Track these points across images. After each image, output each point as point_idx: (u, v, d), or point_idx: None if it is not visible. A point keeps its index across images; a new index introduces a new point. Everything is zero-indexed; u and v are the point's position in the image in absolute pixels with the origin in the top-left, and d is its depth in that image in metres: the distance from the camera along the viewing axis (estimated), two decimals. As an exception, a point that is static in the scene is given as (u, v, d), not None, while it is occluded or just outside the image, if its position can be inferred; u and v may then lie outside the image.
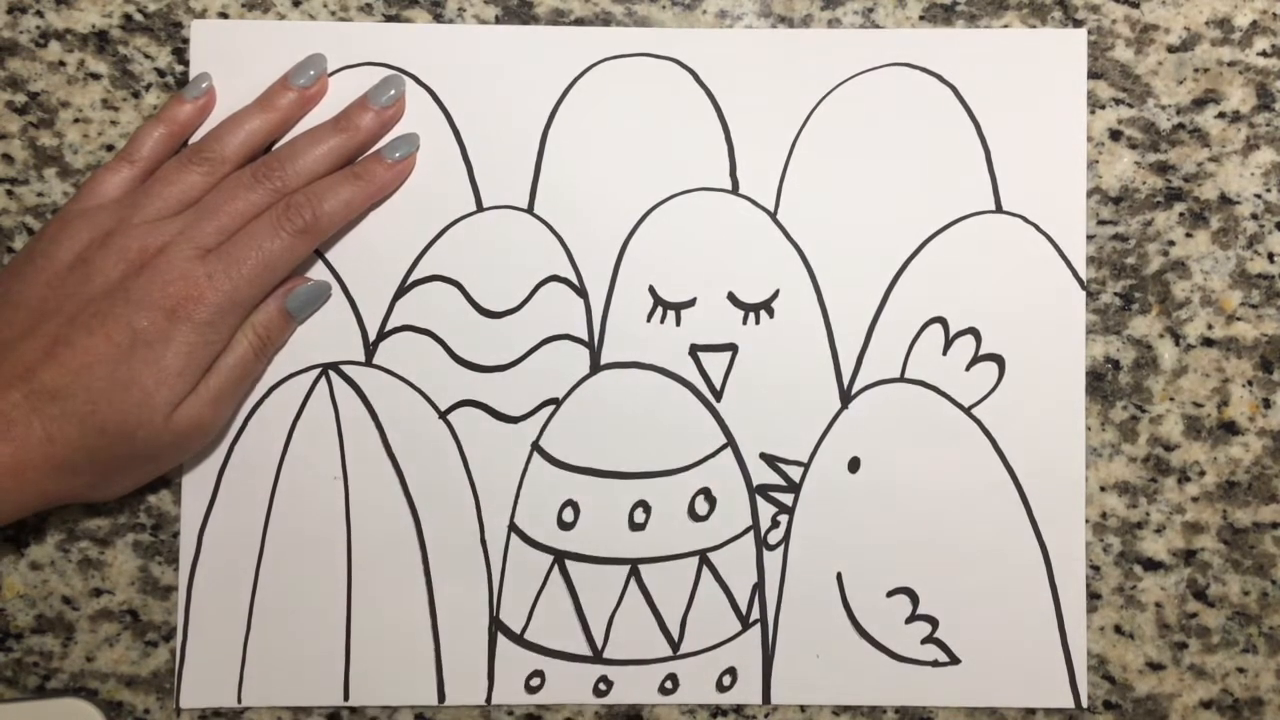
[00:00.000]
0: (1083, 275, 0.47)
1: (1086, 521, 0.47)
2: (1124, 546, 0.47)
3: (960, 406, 0.47)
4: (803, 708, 0.47)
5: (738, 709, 0.47)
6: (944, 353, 0.47)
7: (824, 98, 0.47)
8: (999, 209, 0.47)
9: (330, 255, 0.47)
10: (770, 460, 0.47)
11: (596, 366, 0.47)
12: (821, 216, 0.47)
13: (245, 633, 0.47)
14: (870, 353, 0.47)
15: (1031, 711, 0.47)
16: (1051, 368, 0.47)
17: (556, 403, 0.47)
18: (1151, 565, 0.47)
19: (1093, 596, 0.47)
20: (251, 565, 0.47)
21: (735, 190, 0.47)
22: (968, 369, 0.47)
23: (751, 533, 0.47)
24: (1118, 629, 0.47)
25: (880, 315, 0.47)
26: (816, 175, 0.47)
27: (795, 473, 0.47)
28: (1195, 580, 0.47)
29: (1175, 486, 0.47)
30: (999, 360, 0.47)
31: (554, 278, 0.47)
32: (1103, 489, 0.47)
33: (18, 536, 0.47)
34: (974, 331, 0.47)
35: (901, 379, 0.47)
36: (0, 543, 0.47)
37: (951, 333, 0.47)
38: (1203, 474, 0.47)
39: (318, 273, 0.47)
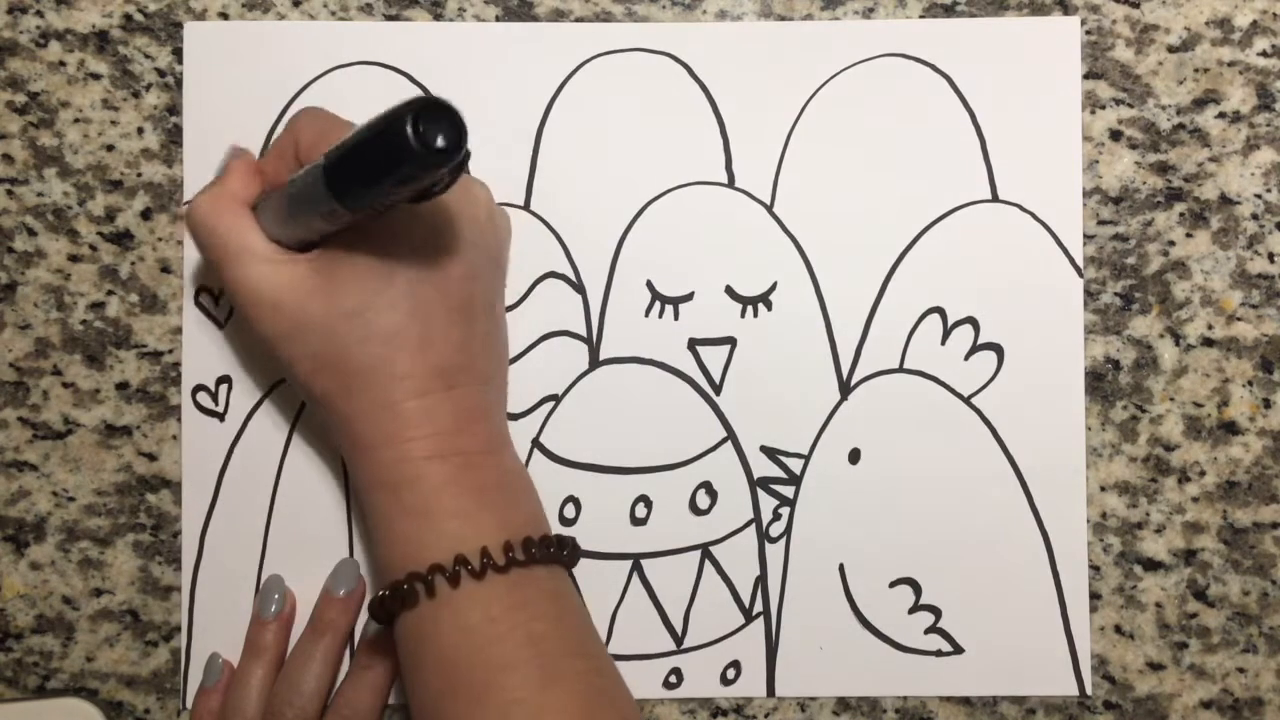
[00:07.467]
0: (1079, 262, 0.47)
1: (1087, 522, 0.47)
2: (1124, 546, 0.47)
3: (960, 396, 0.47)
4: (803, 706, 0.47)
5: (739, 707, 0.47)
6: (943, 342, 0.47)
7: (818, 90, 0.47)
8: (995, 198, 0.47)
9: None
10: (771, 453, 0.47)
11: (595, 362, 0.47)
12: (818, 208, 0.47)
13: (248, 633, 0.47)
14: (869, 343, 0.47)
15: (1032, 711, 0.47)
16: (1050, 355, 0.47)
17: (556, 399, 0.47)
18: (1151, 565, 0.47)
19: (1093, 596, 0.47)
20: (254, 566, 0.47)
21: (731, 184, 0.47)
22: (966, 358, 0.47)
23: (753, 526, 0.47)
24: (1118, 629, 0.47)
25: (878, 306, 0.47)
26: (812, 167, 0.47)
27: (796, 465, 0.47)
28: (1195, 580, 0.47)
29: (1175, 486, 0.47)
30: (997, 349, 0.47)
31: (551, 274, 0.47)
32: (1103, 489, 0.47)
33: (18, 536, 0.47)
34: (972, 321, 0.47)
35: (901, 369, 0.47)
36: (0, 542, 0.47)
37: (950, 322, 0.47)
38: (1203, 474, 0.47)
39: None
